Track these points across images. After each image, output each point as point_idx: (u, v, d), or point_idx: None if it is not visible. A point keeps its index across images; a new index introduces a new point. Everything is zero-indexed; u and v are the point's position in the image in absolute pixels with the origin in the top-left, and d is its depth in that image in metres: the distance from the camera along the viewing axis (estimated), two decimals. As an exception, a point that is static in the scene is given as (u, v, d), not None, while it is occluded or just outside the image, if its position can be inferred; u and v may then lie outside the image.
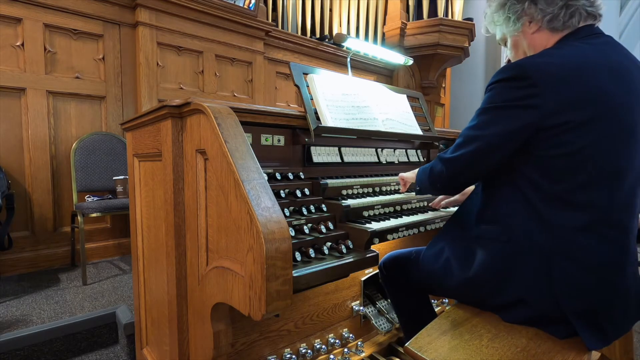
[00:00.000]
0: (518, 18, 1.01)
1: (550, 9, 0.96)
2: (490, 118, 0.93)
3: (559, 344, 0.88)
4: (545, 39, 1.00)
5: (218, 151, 0.90)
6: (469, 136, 0.97)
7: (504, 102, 0.90)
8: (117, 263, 2.68)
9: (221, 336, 0.99)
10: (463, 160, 0.98)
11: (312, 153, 1.40)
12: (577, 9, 0.95)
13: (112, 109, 2.75)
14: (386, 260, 1.34)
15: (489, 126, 0.93)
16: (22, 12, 2.36)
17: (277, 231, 0.78)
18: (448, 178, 1.03)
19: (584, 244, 0.87)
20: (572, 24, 0.96)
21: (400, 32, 4.78)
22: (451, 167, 1.01)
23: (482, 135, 0.93)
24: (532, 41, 1.02)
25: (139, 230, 1.44)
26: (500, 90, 0.92)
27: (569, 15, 0.95)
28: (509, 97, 0.90)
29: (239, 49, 3.37)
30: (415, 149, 1.87)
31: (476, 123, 0.96)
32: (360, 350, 1.56)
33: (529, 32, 1.02)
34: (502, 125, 0.90)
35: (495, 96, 0.93)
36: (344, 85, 1.50)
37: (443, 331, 0.95)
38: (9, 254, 2.33)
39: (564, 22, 0.96)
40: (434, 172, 1.08)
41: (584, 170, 0.86)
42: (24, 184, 2.42)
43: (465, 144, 0.98)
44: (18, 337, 1.59)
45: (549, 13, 0.96)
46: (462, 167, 0.99)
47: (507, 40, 1.10)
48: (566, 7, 0.95)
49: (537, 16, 0.98)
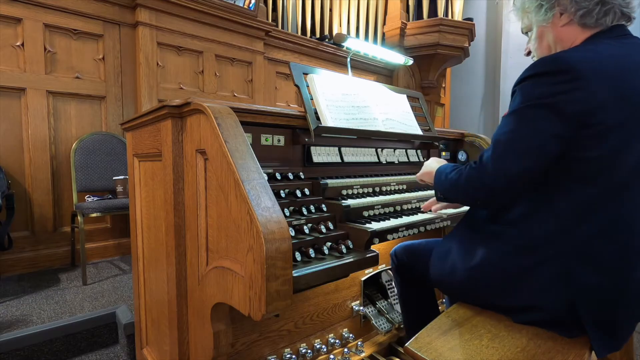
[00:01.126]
0: (551, 8, 0.96)
1: (585, 3, 0.91)
2: (535, 116, 0.84)
3: (559, 344, 0.88)
4: (574, 34, 0.95)
5: (218, 151, 0.90)
6: (511, 143, 0.87)
7: (548, 97, 0.83)
8: (117, 263, 2.68)
9: (221, 336, 0.99)
10: (510, 171, 0.87)
11: (312, 153, 1.40)
12: (613, 8, 0.91)
13: (112, 109, 2.75)
14: (398, 249, 1.35)
15: (534, 128, 0.84)
16: (22, 12, 2.36)
17: (277, 231, 0.78)
18: (492, 194, 0.91)
19: (603, 249, 0.85)
20: (605, 23, 0.92)
21: (400, 32, 4.78)
22: (496, 182, 0.89)
23: (528, 141, 0.85)
24: (559, 34, 0.97)
25: (139, 230, 1.44)
26: (540, 85, 0.85)
27: (604, 13, 0.91)
28: (553, 92, 0.82)
29: (239, 49, 3.37)
30: (415, 149, 1.87)
31: (515, 127, 0.87)
32: (360, 350, 1.56)
33: (558, 24, 0.97)
34: (549, 125, 0.83)
35: (536, 91, 0.85)
36: (344, 85, 1.50)
37: (443, 331, 0.95)
38: (9, 254, 2.33)
39: (597, 19, 0.92)
40: (472, 185, 0.94)
41: (616, 172, 0.83)
42: (24, 184, 2.42)
43: (507, 152, 0.87)
44: (18, 337, 1.59)
45: (584, 7, 0.92)
46: (511, 179, 0.88)
47: (532, 29, 1.04)
48: (602, 3, 0.91)
49: (570, 9, 0.93)
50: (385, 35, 4.93)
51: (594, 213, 0.85)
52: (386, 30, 4.91)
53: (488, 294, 0.99)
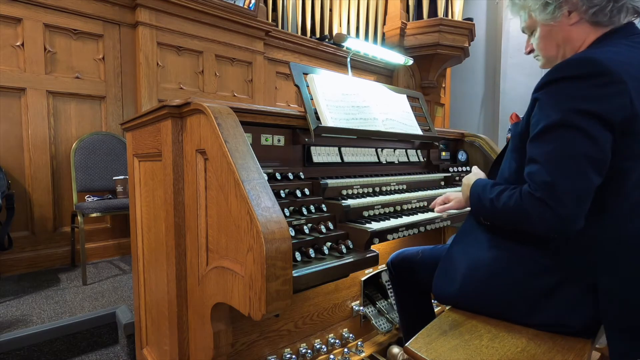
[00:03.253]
0: (559, 6, 0.89)
1: (597, 0, 0.85)
2: (586, 128, 0.75)
3: (559, 344, 0.88)
4: (584, 33, 0.90)
5: (218, 151, 0.90)
6: (572, 159, 0.76)
7: (590, 102, 0.75)
8: (117, 263, 2.68)
9: (221, 336, 0.99)
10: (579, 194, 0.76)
11: (312, 153, 1.40)
12: (625, 4, 0.86)
13: (112, 109, 2.75)
14: (394, 258, 1.34)
15: (591, 139, 0.75)
16: (22, 12, 2.36)
17: (277, 231, 0.78)
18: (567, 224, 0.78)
19: (629, 259, 0.83)
20: (618, 20, 0.87)
21: (400, 32, 4.78)
22: (566, 209, 0.76)
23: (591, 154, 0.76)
24: (568, 34, 0.91)
25: (139, 230, 1.44)
26: (576, 90, 0.77)
27: (617, 10, 0.86)
28: (593, 96, 0.75)
29: (239, 49, 3.37)
30: (415, 149, 1.87)
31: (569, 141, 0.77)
32: (360, 350, 1.56)
33: (567, 23, 0.90)
34: (603, 134, 0.76)
35: (574, 98, 0.77)
36: (344, 85, 1.50)
37: (443, 331, 0.95)
38: (9, 254, 2.33)
39: (610, 17, 0.86)
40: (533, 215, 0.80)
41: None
42: (24, 184, 2.42)
43: (571, 170, 0.76)
44: (18, 337, 1.59)
45: (596, 5, 0.86)
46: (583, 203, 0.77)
47: (535, 28, 0.97)
48: (615, 0, 0.85)
49: (581, 7, 0.87)
50: (385, 35, 4.93)
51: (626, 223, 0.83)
52: (386, 30, 4.91)
53: (510, 313, 0.95)
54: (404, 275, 1.30)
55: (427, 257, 1.24)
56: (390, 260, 1.36)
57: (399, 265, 1.31)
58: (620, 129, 0.76)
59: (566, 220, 0.77)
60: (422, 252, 1.26)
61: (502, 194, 0.89)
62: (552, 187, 0.77)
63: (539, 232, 0.84)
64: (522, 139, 0.91)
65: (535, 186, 0.80)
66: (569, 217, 0.77)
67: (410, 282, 1.29)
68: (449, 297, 1.05)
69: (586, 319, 0.87)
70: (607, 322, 0.84)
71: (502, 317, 0.97)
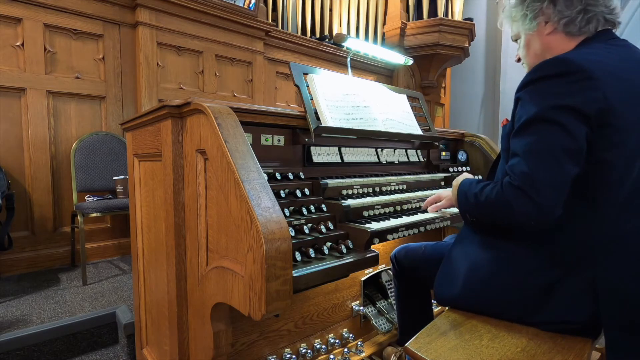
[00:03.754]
0: (535, 17, 0.97)
1: (567, 11, 0.92)
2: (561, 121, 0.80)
3: (559, 344, 0.88)
4: (561, 42, 0.96)
5: (218, 151, 0.90)
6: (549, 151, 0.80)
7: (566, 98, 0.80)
8: (117, 263, 2.68)
9: (221, 336, 0.99)
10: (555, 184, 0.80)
11: (312, 153, 1.40)
12: (595, 15, 0.91)
13: (112, 109, 2.75)
14: (398, 252, 1.36)
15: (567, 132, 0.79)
16: (22, 12, 2.36)
17: (277, 231, 0.78)
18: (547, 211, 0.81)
19: (629, 255, 0.83)
20: (589, 30, 0.93)
21: (400, 32, 4.78)
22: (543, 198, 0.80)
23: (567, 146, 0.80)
24: (546, 42, 0.98)
25: (139, 230, 1.44)
26: (552, 87, 0.82)
27: (586, 21, 0.92)
28: (568, 92, 0.80)
29: (239, 49, 3.37)
30: (415, 149, 1.87)
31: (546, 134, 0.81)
32: (360, 350, 1.56)
33: (543, 32, 0.98)
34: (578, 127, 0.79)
35: (551, 94, 0.81)
36: (344, 85, 1.50)
37: (443, 331, 0.95)
38: (9, 254, 2.33)
39: (580, 28, 0.93)
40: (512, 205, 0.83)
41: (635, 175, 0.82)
42: (24, 184, 2.42)
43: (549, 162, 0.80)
44: (18, 337, 1.59)
45: (566, 16, 0.92)
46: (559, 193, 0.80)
47: (520, 37, 1.05)
48: (584, 12, 0.91)
49: (553, 17, 0.94)
50: (385, 35, 4.93)
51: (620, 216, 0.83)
52: (386, 30, 4.91)
53: (511, 312, 0.95)
54: (406, 270, 1.31)
55: (429, 252, 1.25)
56: (394, 254, 1.37)
57: (402, 260, 1.32)
58: (596, 121, 0.80)
59: (545, 209, 0.81)
60: (425, 247, 1.27)
61: (485, 188, 0.93)
62: (531, 177, 0.81)
63: (518, 222, 0.86)
64: (509, 139, 0.93)
65: (515, 177, 0.83)
66: (547, 206, 0.80)
67: (411, 277, 1.30)
68: (450, 300, 1.06)
69: (587, 315, 0.86)
70: (605, 318, 0.84)
71: (503, 316, 0.97)
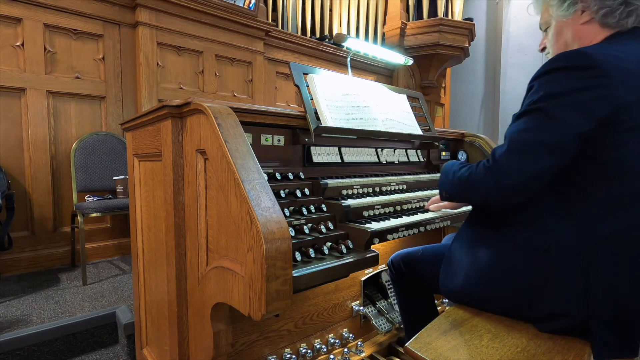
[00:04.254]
0: (573, 3, 0.93)
1: (609, 2, 0.89)
2: (555, 114, 0.81)
3: (559, 344, 0.88)
4: (593, 33, 0.93)
5: (218, 151, 0.90)
6: (529, 140, 0.83)
7: (572, 93, 0.80)
8: (117, 263, 2.68)
9: (221, 336, 0.99)
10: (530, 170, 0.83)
11: (312, 153, 1.40)
12: (636, 9, 0.89)
13: (112, 109, 2.75)
14: (394, 258, 1.35)
15: (555, 125, 0.81)
16: (22, 12, 2.36)
17: (277, 231, 0.78)
18: (509, 194, 0.86)
19: (622, 251, 0.84)
20: (626, 23, 0.90)
21: (400, 32, 4.78)
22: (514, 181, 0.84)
23: (548, 138, 0.81)
24: (578, 32, 0.95)
25: (139, 230, 1.44)
26: (561, 81, 0.81)
27: (627, 14, 0.89)
28: (577, 87, 0.79)
29: (239, 49, 3.37)
30: (415, 149, 1.87)
31: (535, 124, 0.83)
32: (360, 350, 1.56)
33: (578, 21, 0.94)
34: (572, 122, 0.80)
35: (559, 87, 0.81)
36: (344, 85, 1.50)
37: (443, 331, 0.95)
38: (9, 254, 2.33)
39: (619, 20, 0.89)
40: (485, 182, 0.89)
41: (635, 174, 0.82)
42: (24, 184, 2.42)
43: (525, 150, 0.83)
44: (18, 337, 1.59)
45: (607, 6, 0.89)
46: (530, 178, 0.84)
47: (550, 24, 1.01)
48: (626, 4, 0.88)
49: (592, 6, 0.91)
50: (385, 35, 4.93)
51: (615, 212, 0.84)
52: (386, 30, 4.91)
53: (512, 304, 0.95)
54: (405, 275, 1.30)
55: (428, 254, 1.25)
56: (390, 260, 1.37)
57: (399, 265, 1.31)
58: (604, 119, 0.79)
59: (506, 193, 0.86)
60: (422, 250, 1.27)
61: (464, 167, 0.99)
62: (503, 162, 0.85)
63: (480, 200, 0.93)
64: None
65: (491, 159, 0.89)
66: (508, 187, 0.85)
67: (411, 280, 1.29)
68: (453, 293, 1.07)
69: (580, 312, 0.86)
70: (595, 313, 0.84)
71: (506, 310, 0.98)
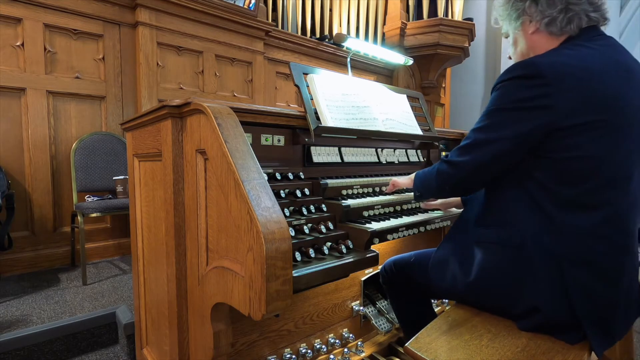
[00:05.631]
0: (519, 16, 1.00)
1: (549, 11, 0.94)
2: (501, 120, 0.90)
3: (559, 344, 0.88)
4: (544, 41, 0.98)
5: (218, 151, 0.90)
6: (478, 140, 0.94)
7: (514, 102, 0.88)
8: (117, 263, 2.68)
9: (221, 336, 0.99)
10: (472, 164, 0.95)
11: (312, 153, 1.40)
12: (577, 14, 0.93)
13: (112, 109, 2.75)
14: (387, 265, 1.35)
15: (500, 129, 0.90)
16: (22, 12, 2.36)
17: (277, 231, 0.78)
18: (456, 182, 1.01)
19: (593, 248, 0.86)
20: (571, 29, 0.94)
21: (400, 32, 4.78)
22: (459, 172, 0.99)
23: (492, 138, 0.91)
24: (530, 42, 1.01)
25: (139, 230, 1.44)
26: (510, 90, 0.90)
27: (567, 20, 0.93)
28: (520, 97, 0.87)
29: (239, 49, 3.37)
30: (415, 149, 1.87)
31: (485, 124, 0.93)
32: (360, 350, 1.56)
33: (528, 31, 1.00)
34: (515, 128, 0.87)
35: (505, 96, 0.90)
36: (344, 85, 1.50)
37: (443, 331, 0.95)
38: (9, 254, 2.33)
39: (561, 27, 0.94)
40: (441, 175, 1.04)
41: (598, 174, 0.85)
42: (24, 184, 2.42)
43: (473, 147, 0.95)
44: (18, 337, 1.59)
45: (547, 16, 0.94)
46: (471, 171, 0.97)
47: (509, 35, 1.08)
48: (565, 11, 0.93)
49: (536, 17, 0.97)
50: (385, 35, 4.93)
51: (580, 212, 0.86)
52: (386, 30, 4.91)
53: (492, 299, 0.99)
54: (398, 280, 1.30)
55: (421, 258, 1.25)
56: (383, 267, 1.37)
57: (391, 271, 1.31)
58: (550, 124, 0.84)
59: (457, 182, 1.01)
60: (415, 255, 1.27)
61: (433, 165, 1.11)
62: (460, 159, 0.98)
63: (440, 189, 1.07)
64: None
65: (451, 155, 1.02)
66: (460, 180, 1.00)
67: (404, 286, 1.29)
68: (445, 292, 1.10)
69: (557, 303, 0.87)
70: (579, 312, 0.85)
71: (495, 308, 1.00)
